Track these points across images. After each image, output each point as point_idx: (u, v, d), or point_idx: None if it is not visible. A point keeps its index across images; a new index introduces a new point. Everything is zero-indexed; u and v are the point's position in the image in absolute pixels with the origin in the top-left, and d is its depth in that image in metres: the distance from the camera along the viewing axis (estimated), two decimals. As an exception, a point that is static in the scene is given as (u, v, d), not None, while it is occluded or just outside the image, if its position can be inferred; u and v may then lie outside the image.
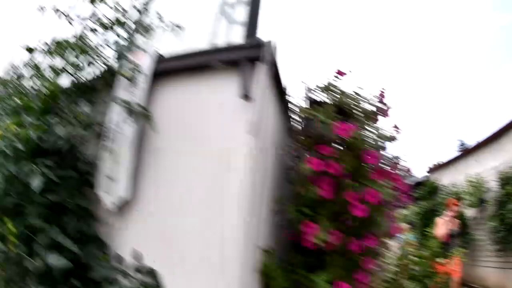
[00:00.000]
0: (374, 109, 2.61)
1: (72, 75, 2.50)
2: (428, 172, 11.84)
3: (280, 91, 2.88)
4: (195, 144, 2.43)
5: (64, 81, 2.51)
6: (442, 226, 6.76)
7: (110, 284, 2.11)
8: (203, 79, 2.51)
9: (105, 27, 2.57)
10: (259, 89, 2.30)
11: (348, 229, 2.36)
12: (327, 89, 2.64)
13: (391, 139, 2.61)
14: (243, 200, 2.20)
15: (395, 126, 2.61)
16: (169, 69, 2.59)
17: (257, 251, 2.37)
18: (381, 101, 2.63)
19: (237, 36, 2.97)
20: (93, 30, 2.56)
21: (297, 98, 2.85)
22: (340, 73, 2.62)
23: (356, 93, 2.60)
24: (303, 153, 2.56)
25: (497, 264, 7.66)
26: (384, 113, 2.62)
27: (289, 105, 3.01)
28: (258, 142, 2.28)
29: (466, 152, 9.42)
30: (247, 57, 2.39)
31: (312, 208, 2.38)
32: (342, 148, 2.42)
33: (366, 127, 2.53)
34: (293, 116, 2.99)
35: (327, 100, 2.62)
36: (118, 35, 2.61)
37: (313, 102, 2.71)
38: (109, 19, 2.58)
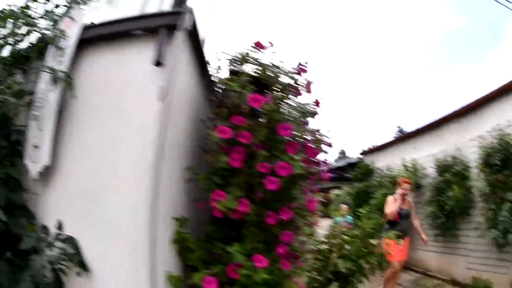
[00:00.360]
0: (293, 82, 2.59)
1: (11, 45, 2.52)
2: (362, 154, 12.08)
3: (201, 61, 2.93)
4: (114, 112, 2.48)
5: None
6: (392, 205, 6.24)
7: (36, 254, 2.12)
8: (125, 47, 2.56)
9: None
10: (173, 56, 2.34)
11: (262, 201, 2.36)
12: (245, 60, 2.62)
13: (311, 114, 2.63)
14: (156, 168, 2.24)
15: (316, 101, 2.62)
16: (94, 37, 2.60)
17: (172, 221, 2.42)
18: (299, 74, 2.61)
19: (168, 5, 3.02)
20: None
21: (218, 68, 2.81)
22: (259, 45, 2.60)
23: (275, 65, 2.58)
24: (219, 123, 2.51)
25: (437, 248, 8.04)
26: (307, 88, 2.62)
27: (211, 75, 3.00)
28: (171, 109, 2.32)
29: (403, 138, 9.75)
30: (165, 24, 2.43)
31: (222, 177, 2.42)
32: (255, 118, 2.41)
33: (284, 100, 2.53)
34: (213, 86, 2.99)
35: (247, 72, 2.59)
36: (56, 5, 2.62)
37: (233, 73, 2.67)
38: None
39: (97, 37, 2.59)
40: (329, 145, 2.70)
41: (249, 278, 2.18)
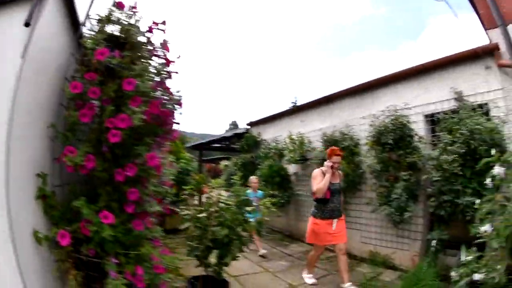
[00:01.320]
0: (146, 41, 2.67)
1: None
2: (249, 125, 12.01)
3: (74, 22, 2.96)
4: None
5: None
6: (320, 180, 5.28)
7: None
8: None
9: None
10: (42, 17, 2.34)
11: (112, 157, 2.42)
12: (108, 20, 2.62)
13: (166, 73, 2.71)
14: (16, 124, 2.19)
15: (167, 61, 2.70)
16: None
17: (33, 178, 2.39)
18: (150, 32, 2.69)
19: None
20: None
21: (89, 29, 2.77)
22: (120, 4, 2.63)
23: (132, 24, 2.62)
24: (78, 80, 2.53)
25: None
26: (163, 47, 2.69)
27: (82, 36, 2.94)
28: (33, 67, 2.32)
29: (292, 111, 9.80)
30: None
31: (73, 132, 2.48)
32: (109, 75, 2.44)
33: (140, 58, 2.59)
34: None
35: (108, 31, 2.63)
36: None
37: (98, 32, 2.65)
38: None
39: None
40: (179, 104, 2.81)
41: (98, 234, 2.22)
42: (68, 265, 2.32)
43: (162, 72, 2.69)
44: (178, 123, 2.90)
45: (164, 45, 2.70)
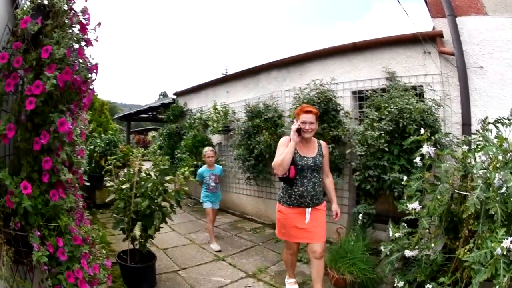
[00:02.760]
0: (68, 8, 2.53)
1: None
2: (176, 95, 11.69)
3: None
4: None
5: None
6: (280, 150, 3.81)
7: None
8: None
9: None
10: None
11: (32, 126, 2.36)
12: None
13: (83, 41, 2.60)
14: None
15: (82, 27, 2.57)
16: None
17: None
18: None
19: None
20: None
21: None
22: None
23: None
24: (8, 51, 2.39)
25: (250, 192, 8.25)
26: (83, 14, 2.59)
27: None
28: None
29: (218, 81, 9.66)
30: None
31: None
32: (29, 43, 2.38)
33: (59, 26, 2.48)
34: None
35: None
36: None
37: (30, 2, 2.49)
38: None
39: None
40: (95, 68, 2.71)
41: (21, 206, 2.17)
42: (0, 240, 2.25)
43: (80, 39, 2.58)
44: (91, 90, 2.82)
45: (85, 12, 2.59)
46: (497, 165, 2.90)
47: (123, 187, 4.24)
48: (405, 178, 3.72)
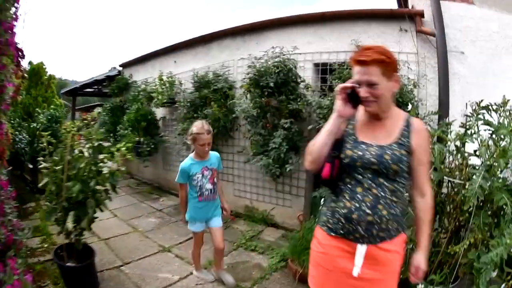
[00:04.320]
0: None
1: None
2: (121, 66, 10.74)
3: None
4: None
5: None
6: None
7: None
8: None
9: None
10: None
11: None
12: None
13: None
14: None
15: None
16: None
17: None
18: None
19: None
20: None
21: None
22: None
23: None
24: None
25: None
26: None
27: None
28: None
29: (165, 51, 8.82)
30: None
31: None
32: None
33: None
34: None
35: None
36: None
37: None
38: None
39: None
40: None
41: None
42: None
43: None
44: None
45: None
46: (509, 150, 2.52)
47: (57, 168, 3.48)
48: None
